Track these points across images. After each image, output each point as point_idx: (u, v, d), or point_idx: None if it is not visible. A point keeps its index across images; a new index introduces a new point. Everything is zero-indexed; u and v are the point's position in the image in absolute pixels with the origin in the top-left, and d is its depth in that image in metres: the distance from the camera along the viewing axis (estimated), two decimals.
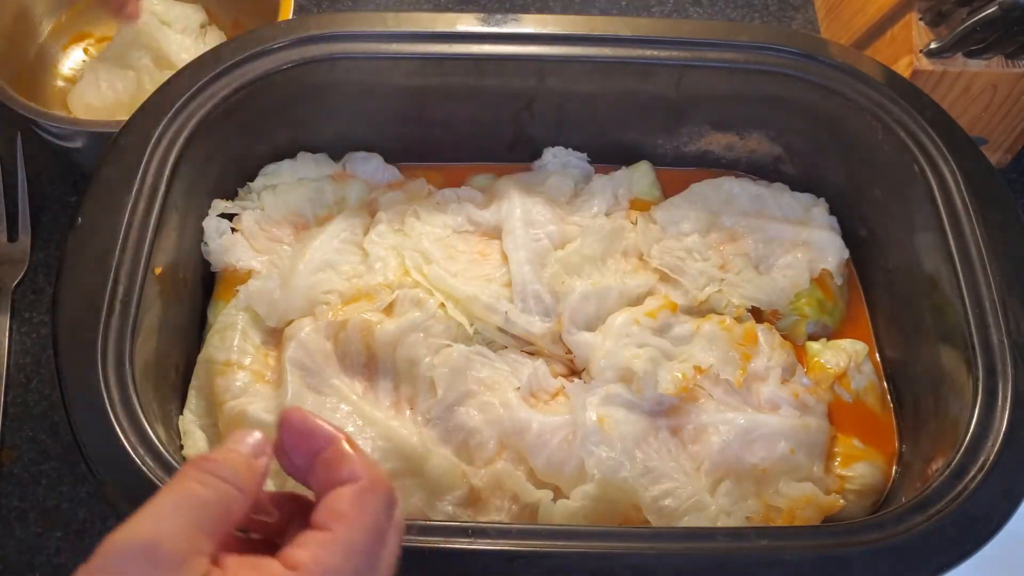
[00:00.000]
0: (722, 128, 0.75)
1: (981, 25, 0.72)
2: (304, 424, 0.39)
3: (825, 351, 0.67)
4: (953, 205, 0.62)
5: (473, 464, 0.60)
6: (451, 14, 0.71)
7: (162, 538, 0.33)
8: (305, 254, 0.67)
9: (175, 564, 0.32)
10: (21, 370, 0.73)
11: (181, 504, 0.34)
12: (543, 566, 0.48)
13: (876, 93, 0.68)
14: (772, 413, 0.63)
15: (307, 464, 0.39)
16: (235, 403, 0.60)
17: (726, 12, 0.98)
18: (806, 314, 0.69)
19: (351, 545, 0.35)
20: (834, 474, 0.63)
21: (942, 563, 0.49)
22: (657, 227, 0.72)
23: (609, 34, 0.69)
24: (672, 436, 0.62)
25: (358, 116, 0.73)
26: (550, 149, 0.76)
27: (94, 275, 0.56)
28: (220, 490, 0.35)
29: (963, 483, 0.52)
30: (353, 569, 0.35)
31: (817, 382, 0.66)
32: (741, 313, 0.68)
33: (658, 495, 0.58)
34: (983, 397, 0.55)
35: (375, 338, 0.63)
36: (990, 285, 0.59)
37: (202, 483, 0.35)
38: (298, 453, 0.39)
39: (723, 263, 0.70)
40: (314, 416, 0.39)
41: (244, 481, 0.36)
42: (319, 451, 0.38)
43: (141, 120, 0.63)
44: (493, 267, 0.68)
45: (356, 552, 0.35)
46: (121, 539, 0.33)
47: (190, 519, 0.34)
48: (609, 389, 0.62)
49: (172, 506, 0.34)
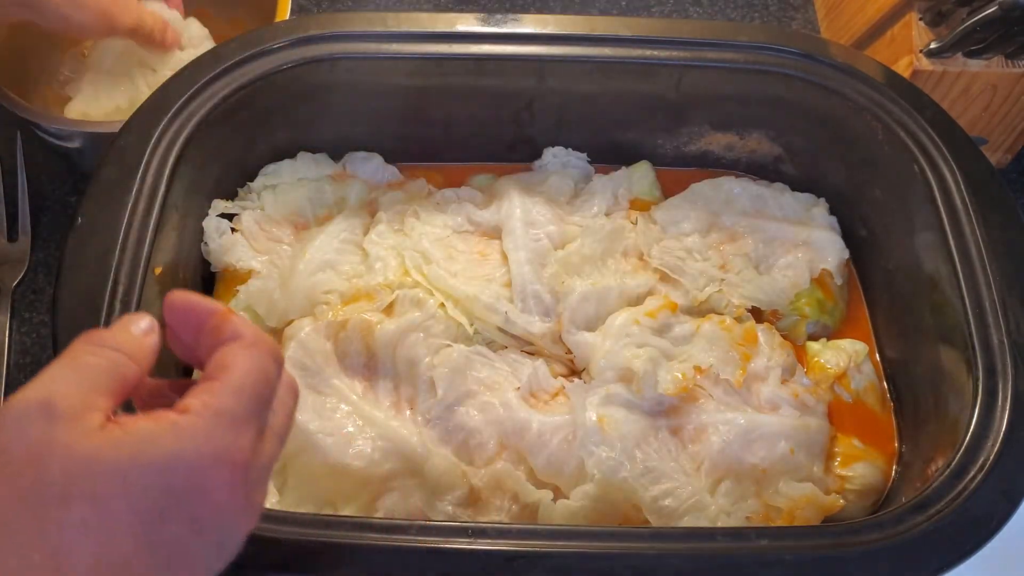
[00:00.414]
0: (722, 128, 0.75)
1: (981, 25, 0.72)
2: (186, 301, 0.41)
3: (825, 351, 0.67)
4: (953, 205, 0.62)
5: (473, 464, 0.60)
6: (451, 14, 0.71)
7: (57, 396, 0.34)
8: (305, 254, 0.67)
9: (70, 417, 0.34)
10: (21, 370, 0.73)
11: (73, 369, 0.36)
12: (543, 566, 0.48)
13: (876, 93, 0.68)
14: (772, 413, 0.63)
15: (194, 339, 0.40)
16: None
17: (726, 12, 0.98)
18: (806, 314, 0.69)
19: (239, 388, 0.37)
20: (834, 474, 0.63)
21: (942, 563, 0.49)
22: (657, 227, 0.72)
23: (609, 34, 0.69)
24: (672, 436, 0.62)
25: (358, 116, 0.73)
26: (550, 149, 0.76)
27: (94, 275, 0.56)
28: (110, 357, 0.37)
29: (963, 483, 0.52)
30: (243, 409, 0.37)
31: (817, 382, 0.66)
32: (741, 313, 0.68)
33: (658, 495, 0.58)
34: (983, 397, 0.55)
35: (375, 338, 0.63)
36: (990, 285, 0.59)
37: (92, 352, 0.37)
38: (185, 330, 0.41)
39: (723, 263, 0.70)
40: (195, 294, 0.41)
41: (133, 350, 0.38)
42: (203, 323, 0.40)
43: (141, 120, 0.63)
44: (493, 267, 0.68)
45: (244, 394, 0.37)
46: (18, 399, 0.34)
47: (83, 381, 0.36)
48: (609, 389, 0.62)
49: (64, 370, 0.36)
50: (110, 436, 0.34)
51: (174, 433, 0.35)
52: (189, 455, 0.35)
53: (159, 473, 0.34)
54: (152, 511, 0.34)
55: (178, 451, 0.34)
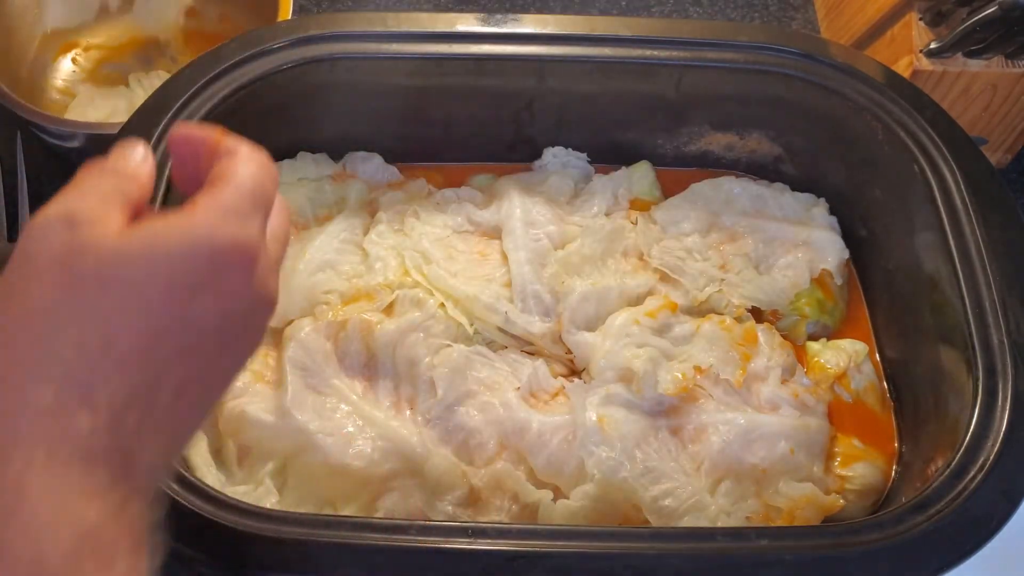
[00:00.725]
0: (722, 128, 0.75)
1: (981, 25, 0.72)
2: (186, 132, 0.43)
3: (825, 351, 0.67)
4: (953, 205, 0.62)
5: (473, 464, 0.60)
6: (451, 14, 0.71)
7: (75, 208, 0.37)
8: (305, 254, 0.67)
9: (92, 222, 0.36)
10: None
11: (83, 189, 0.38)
12: (543, 566, 0.48)
13: (876, 93, 0.68)
14: (772, 413, 0.63)
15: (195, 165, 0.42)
16: (235, 403, 0.60)
17: (726, 12, 0.98)
18: (806, 314, 0.69)
19: (240, 187, 0.39)
20: (834, 474, 0.63)
21: (942, 563, 0.49)
22: (657, 227, 0.72)
23: (609, 34, 0.69)
24: (672, 436, 0.62)
25: (358, 116, 0.73)
26: (550, 149, 0.76)
27: None
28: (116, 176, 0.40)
29: (963, 483, 0.52)
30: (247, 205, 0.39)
31: (817, 382, 0.66)
32: (741, 313, 0.68)
33: (658, 495, 0.58)
34: (983, 397, 0.55)
35: (375, 338, 0.63)
36: (990, 285, 0.59)
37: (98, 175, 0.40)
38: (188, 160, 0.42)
39: (723, 263, 0.70)
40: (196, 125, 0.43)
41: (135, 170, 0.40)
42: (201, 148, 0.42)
43: (141, 120, 0.63)
44: (493, 267, 0.68)
45: (246, 192, 0.39)
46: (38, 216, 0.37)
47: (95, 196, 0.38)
48: (609, 389, 0.62)
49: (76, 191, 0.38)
50: (133, 233, 0.36)
51: (189, 223, 0.37)
52: (206, 240, 0.37)
53: (183, 258, 0.36)
54: (183, 290, 0.36)
55: (196, 237, 0.37)
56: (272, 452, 0.59)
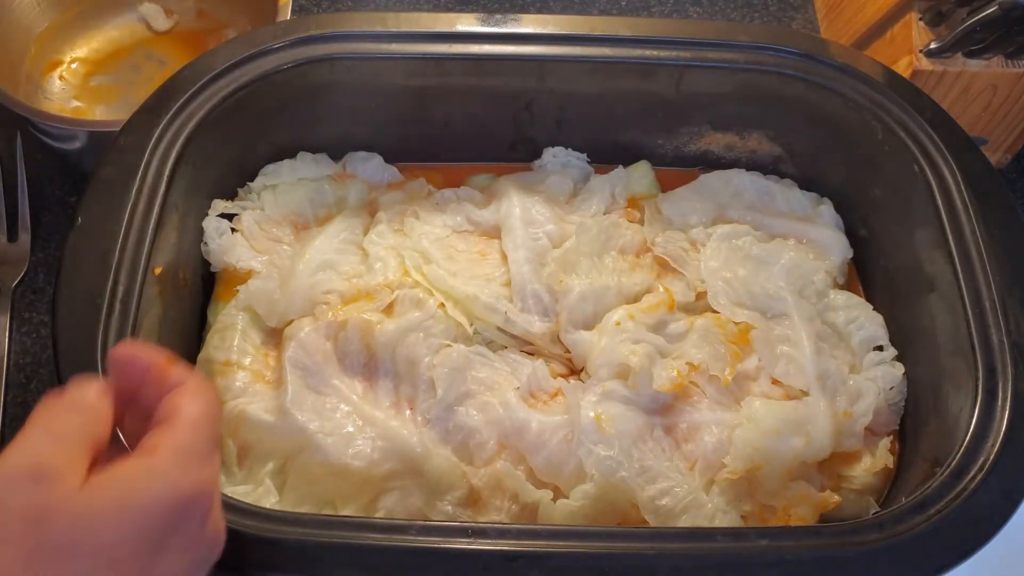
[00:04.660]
0: (722, 128, 0.75)
1: (981, 25, 0.72)
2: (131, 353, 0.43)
3: None
4: (953, 205, 0.62)
5: (473, 464, 0.60)
6: (451, 14, 0.71)
7: (42, 459, 0.37)
8: (305, 254, 0.67)
9: (58, 477, 0.36)
10: (21, 370, 0.73)
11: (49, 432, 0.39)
12: (543, 566, 0.48)
13: (876, 93, 0.68)
14: None
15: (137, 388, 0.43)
16: (235, 403, 0.60)
17: (726, 12, 0.98)
18: None
19: (196, 426, 0.40)
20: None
21: (942, 563, 0.49)
22: (663, 217, 0.72)
23: (609, 34, 0.69)
24: (666, 435, 0.62)
25: (358, 116, 0.73)
26: (550, 149, 0.76)
27: (94, 275, 0.56)
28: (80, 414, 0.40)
29: (963, 483, 0.52)
30: (204, 445, 0.40)
31: None
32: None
33: (655, 494, 0.58)
34: (983, 397, 0.55)
35: (375, 338, 0.63)
36: (990, 285, 0.59)
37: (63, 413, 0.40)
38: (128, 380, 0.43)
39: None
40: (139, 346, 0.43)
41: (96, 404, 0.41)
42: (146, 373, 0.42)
43: (141, 120, 0.63)
44: (493, 267, 0.68)
45: (201, 432, 0.40)
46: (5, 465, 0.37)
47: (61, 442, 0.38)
48: (606, 386, 0.62)
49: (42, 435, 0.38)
50: (101, 486, 0.37)
51: (155, 472, 0.38)
52: (172, 491, 0.38)
53: (152, 513, 0.37)
54: (151, 547, 0.37)
55: (163, 488, 0.38)
56: (272, 452, 0.59)
